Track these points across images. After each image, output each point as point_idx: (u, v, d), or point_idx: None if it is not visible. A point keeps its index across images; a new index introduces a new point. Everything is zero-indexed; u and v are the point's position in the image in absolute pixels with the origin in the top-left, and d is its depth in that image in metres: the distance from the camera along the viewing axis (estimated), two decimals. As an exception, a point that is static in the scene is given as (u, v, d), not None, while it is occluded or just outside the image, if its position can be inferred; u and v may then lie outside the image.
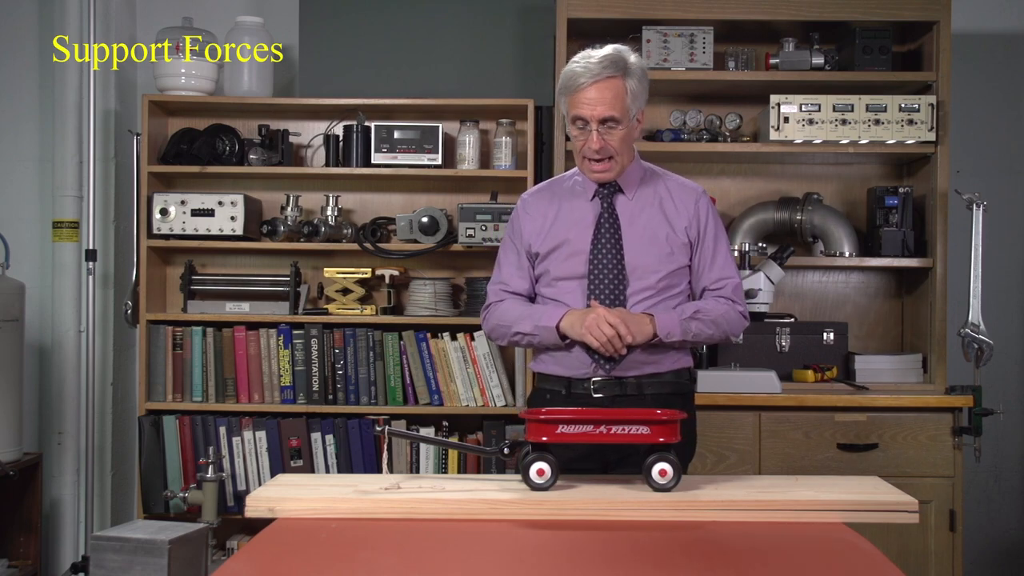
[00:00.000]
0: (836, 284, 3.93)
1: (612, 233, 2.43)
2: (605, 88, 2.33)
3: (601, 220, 2.44)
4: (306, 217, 3.80)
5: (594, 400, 2.40)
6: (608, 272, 2.41)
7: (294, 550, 1.77)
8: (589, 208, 2.46)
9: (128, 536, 2.82)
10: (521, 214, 2.54)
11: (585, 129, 2.37)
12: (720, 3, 3.56)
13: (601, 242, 2.42)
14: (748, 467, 3.35)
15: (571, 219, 2.46)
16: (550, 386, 2.48)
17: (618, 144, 2.37)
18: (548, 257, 2.47)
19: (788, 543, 1.86)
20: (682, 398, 2.47)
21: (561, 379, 2.45)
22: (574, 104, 2.37)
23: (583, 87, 2.34)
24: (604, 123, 2.34)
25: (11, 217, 3.93)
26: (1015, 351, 4.07)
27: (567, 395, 2.43)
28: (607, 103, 2.33)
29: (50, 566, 3.86)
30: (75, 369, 3.86)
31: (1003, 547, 4.10)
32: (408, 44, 3.91)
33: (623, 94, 2.35)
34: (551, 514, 1.98)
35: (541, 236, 2.48)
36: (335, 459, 3.63)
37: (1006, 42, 4.07)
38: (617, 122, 2.35)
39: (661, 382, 2.44)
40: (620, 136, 2.37)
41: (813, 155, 3.74)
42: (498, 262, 2.59)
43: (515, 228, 2.55)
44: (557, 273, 2.46)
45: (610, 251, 2.41)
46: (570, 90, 2.37)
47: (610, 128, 2.35)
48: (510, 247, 2.56)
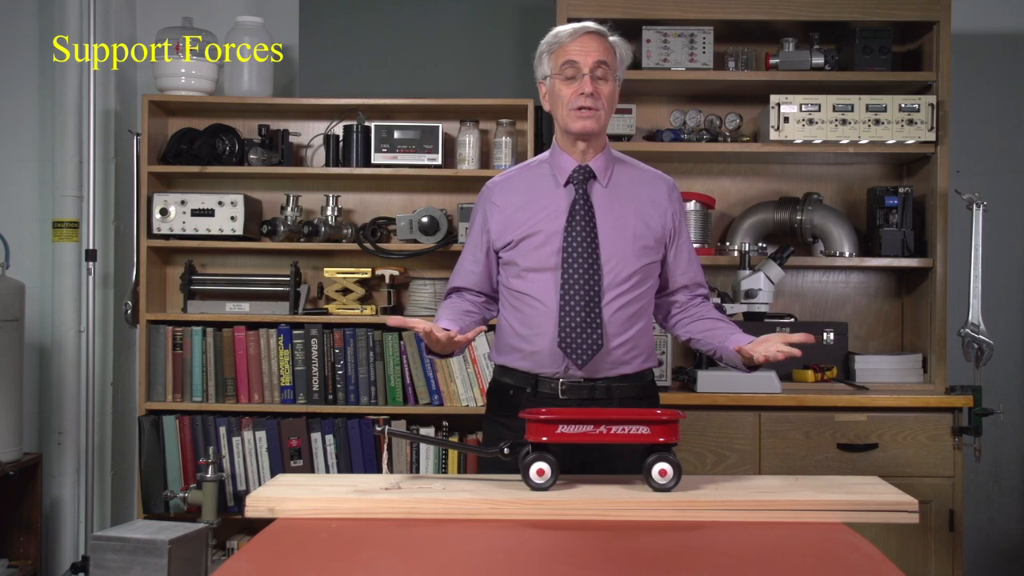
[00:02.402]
0: (836, 284, 3.93)
1: (587, 222, 2.34)
2: (597, 40, 2.36)
3: (575, 208, 2.35)
4: (306, 217, 3.81)
5: (560, 401, 2.35)
6: (582, 263, 2.32)
7: (294, 550, 1.77)
8: (562, 195, 2.38)
9: (128, 536, 2.82)
10: (487, 204, 2.45)
11: (575, 78, 2.33)
12: (720, 3, 3.56)
13: (575, 231, 2.33)
14: (748, 467, 3.35)
15: (542, 207, 2.38)
16: (514, 381, 2.41)
17: (606, 97, 2.35)
18: (517, 246, 2.38)
19: (788, 543, 1.86)
20: (649, 400, 2.44)
21: (528, 376, 2.39)
22: (564, 52, 2.34)
23: (575, 37, 2.35)
24: (596, 67, 2.33)
25: (11, 217, 3.93)
26: (1015, 351, 4.07)
27: (532, 393, 2.38)
28: (600, 51, 2.34)
29: (50, 566, 3.86)
30: (75, 369, 3.86)
31: (1003, 547, 4.10)
32: (408, 44, 3.91)
33: (612, 51, 2.37)
34: (551, 514, 1.97)
35: (509, 225, 2.39)
36: (335, 459, 3.63)
37: (1006, 42, 4.07)
38: (608, 69, 2.34)
39: (629, 384, 2.40)
40: (609, 90, 2.35)
41: (813, 155, 3.74)
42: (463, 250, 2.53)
43: (478, 218, 2.47)
44: (527, 264, 2.37)
45: (584, 240, 2.32)
46: (559, 43, 2.36)
47: (600, 77, 2.33)
48: (470, 237, 2.50)
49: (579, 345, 2.33)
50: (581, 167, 2.39)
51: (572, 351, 2.33)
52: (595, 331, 2.32)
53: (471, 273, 2.48)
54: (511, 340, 2.42)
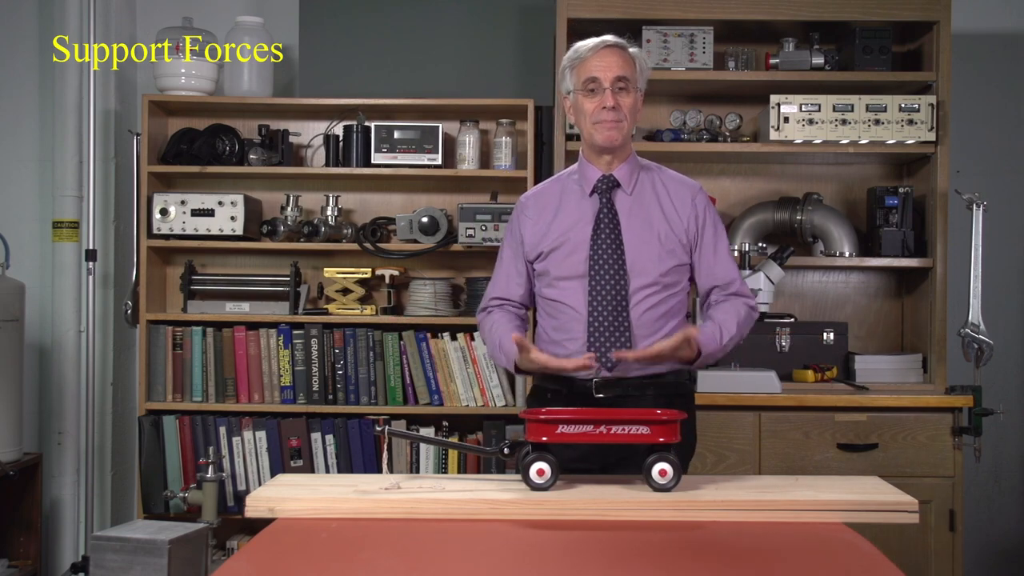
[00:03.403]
0: (836, 284, 3.93)
1: (612, 230, 2.43)
2: (616, 54, 2.42)
3: (600, 216, 2.44)
4: (306, 217, 3.81)
5: (595, 400, 2.40)
6: (608, 270, 2.41)
7: (294, 550, 1.77)
8: (588, 205, 2.47)
9: (128, 536, 2.82)
10: (520, 217, 2.55)
11: (597, 91, 2.40)
12: (720, 3, 3.56)
13: (600, 239, 2.42)
14: (748, 467, 3.35)
15: (570, 217, 2.47)
16: (552, 385, 2.49)
17: (628, 109, 2.42)
18: (548, 257, 2.48)
19: (788, 543, 1.86)
20: (683, 399, 2.49)
21: (563, 378, 2.46)
22: (585, 68, 2.42)
23: (597, 52, 2.41)
24: (617, 82, 2.39)
25: (11, 217, 3.93)
26: (1015, 351, 4.07)
27: (569, 394, 2.44)
28: (620, 65, 2.41)
29: (50, 566, 3.86)
30: (75, 369, 3.86)
31: (1003, 547, 4.10)
32: (408, 44, 3.91)
33: (632, 63, 2.44)
34: (551, 514, 1.98)
35: (541, 237, 2.49)
36: (335, 459, 3.63)
37: (1006, 42, 4.07)
38: (629, 83, 2.41)
39: (662, 383, 2.46)
40: (631, 101, 2.42)
41: (813, 155, 3.74)
42: (497, 264, 2.61)
43: (514, 232, 2.57)
44: (558, 273, 2.46)
45: (609, 247, 2.42)
46: (580, 58, 2.43)
47: (622, 89, 2.40)
48: (507, 251, 2.58)
49: (608, 350, 2.40)
50: (605, 176, 2.48)
51: (601, 356, 2.40)
52: (623, 335, 2.40)
53: (517, 285, 2.57)
54: (546, 345, 2.50)
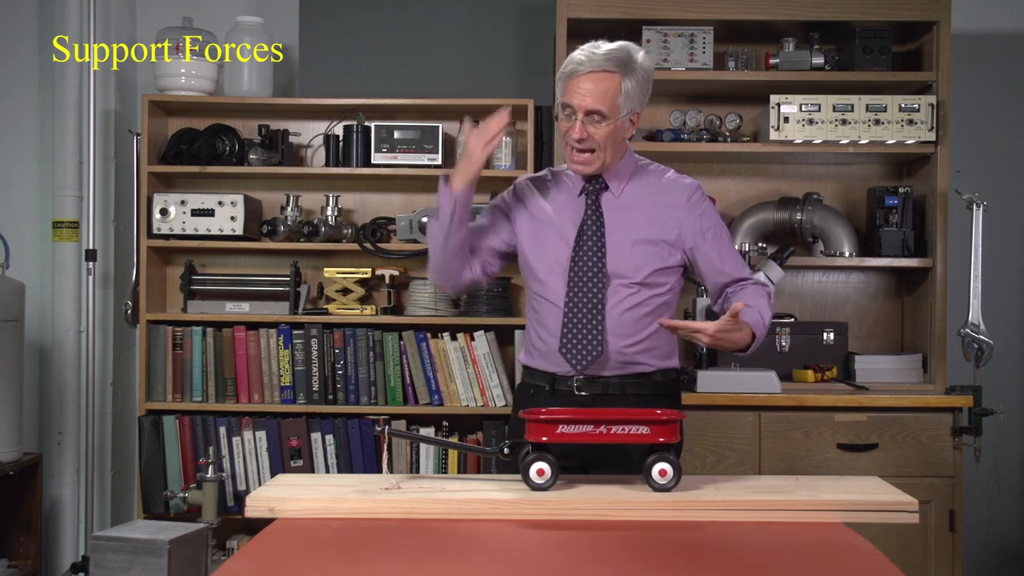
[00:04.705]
0: (836, 284, 3.93)
1: (595, 231, 2.40)
2: (600, 80, 2.33)
3: (586, 216, 2.41)
4: (306, 217, 3.81)
5: (577, 398, 2.39)
6: (587, 271, 2.38)
7: (294, 550, 1.77)
8: (576, 205, 2.44)
9: (128, 536, 2.82)
10: (514, 200, 2.52)
11: (571, 117, 2.36)
12: (720, 3, 3.56)
13: (583, 239, 2.40)
14: (748, 467, 3.35)
15: (560, 215, 2.45)
16: (535, 381, 2.47)
17: (601, 139, 2.35)
18: (536, 251, 2.46)
19: (788, 543, 1.86)
20: (667, 399, 2.45)
21: (546, 375, 2.44)
22: (567, 91, 2.37)
23: (579, 75, 2.34)
24: (589, 115, 2.34)
25: (11, 217, 3.93)
26: (1015, 351, 4.07)
27: (551, 391, 2.42)
28: (596, 96, 2.33)
29: (50, 566, 3.86)
30: (75, 369, 3.86)
31: (1003, 547, 4.10)
32: (408, 44, 3.91)
33: (616, 92, 2.34)
34: (551, 514, 1.98)
35: (528, 230, 2.47)
36: (335, 459, 3.63)
37: (1006, 42, 4.07)
38: (603, 117, 2.33)
39: (645, 382, 2.43)
40: (605, 132, 2.35)
41: (813, 155, 3.74)
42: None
43: (506, 198, 2.53)
44: (542, 267, 2.44)
45: (591, 248, 2.39)
46: (567, 76, 2.38)
47: (595, 121, 2.34)
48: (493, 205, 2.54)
49: (579, 351, 2.38)
50: (595, 178, 2.45)
51: (572, 356, 2.38)
52: (597, 334, 2.36)
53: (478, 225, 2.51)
54: (532, 339, 2.50)
